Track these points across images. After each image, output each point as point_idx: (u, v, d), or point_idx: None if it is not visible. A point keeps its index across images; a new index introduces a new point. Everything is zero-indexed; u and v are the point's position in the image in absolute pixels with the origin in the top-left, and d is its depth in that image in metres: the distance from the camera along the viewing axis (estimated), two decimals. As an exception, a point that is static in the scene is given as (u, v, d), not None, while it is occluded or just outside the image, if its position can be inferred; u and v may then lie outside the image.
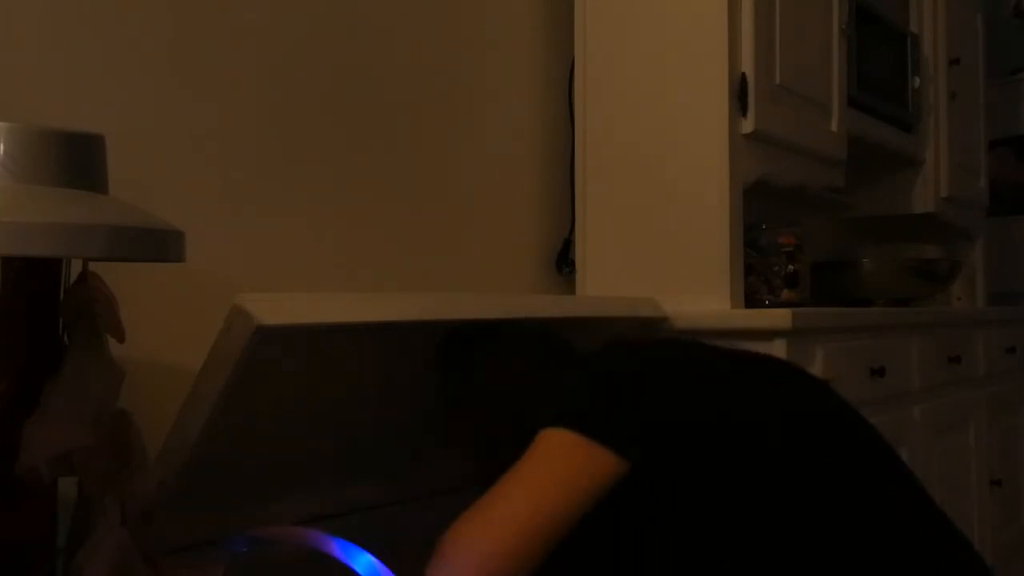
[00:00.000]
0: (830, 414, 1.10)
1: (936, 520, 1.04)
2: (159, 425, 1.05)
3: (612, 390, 1.04)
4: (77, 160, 0.91)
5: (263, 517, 1.15)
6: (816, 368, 1.67)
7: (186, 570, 1.02)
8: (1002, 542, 2.52)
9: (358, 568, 0.93)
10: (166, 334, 1.28)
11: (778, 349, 1.59)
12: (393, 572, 0.93)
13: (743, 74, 1.75)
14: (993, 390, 2.56)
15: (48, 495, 0.96)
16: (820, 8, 2.03)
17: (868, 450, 1.08)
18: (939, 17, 2.66)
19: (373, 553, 0.94)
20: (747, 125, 1.75)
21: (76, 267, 0.99)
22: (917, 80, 2.51)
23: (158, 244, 0.92)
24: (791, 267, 1.88)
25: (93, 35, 1.29)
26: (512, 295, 1.83)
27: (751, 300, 1.81)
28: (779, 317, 1.61)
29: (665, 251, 1.78)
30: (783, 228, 1.89)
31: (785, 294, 1.87)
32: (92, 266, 0.99)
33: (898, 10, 2.53)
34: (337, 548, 0.95)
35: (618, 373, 1.07)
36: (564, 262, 2.03)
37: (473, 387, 1.22)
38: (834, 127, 2.05)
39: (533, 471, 0.96)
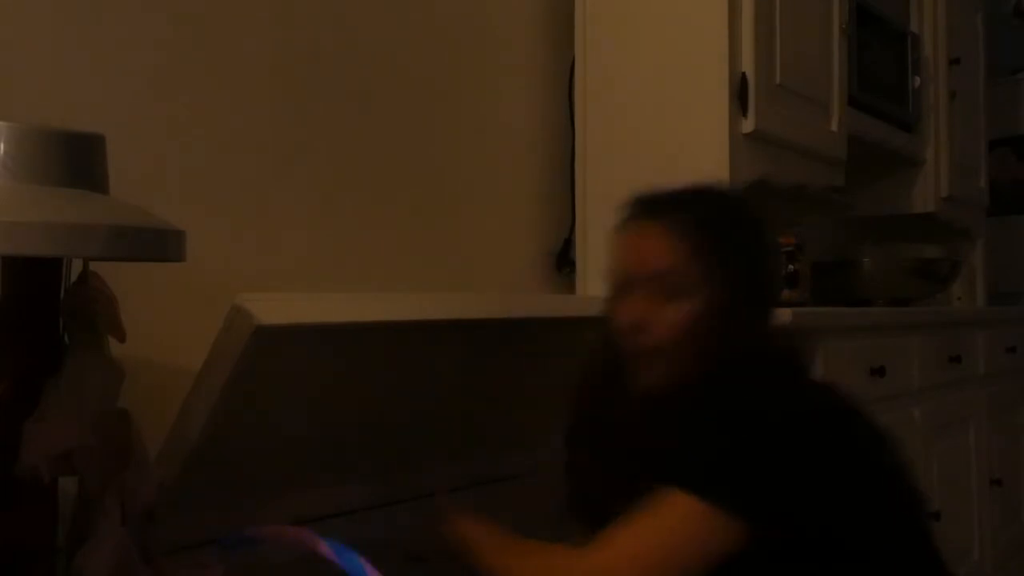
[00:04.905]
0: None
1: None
2: (159, 425, 1.05)
3: (744, 459, 1.04)
4: (77, 160, 0.90)
5: (263, 517, 1.15)
6: (816, 368, 1.67)
7: (186, 570, 1.02)
8: (1002, 542, 2.52)
9: (347, 568, 0.92)
10: (166, 334, 1.28)
11: (778, 349, 1.58)
12: (381, 574, 0.92)
13: (743, 74, 1.75)
14: (993, 390, 2.56)
15: (48, 495, 0.96)
16: (820, 8, 2.03)
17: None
18: (939, 17, 2.66)
19: (367, 554, 0.93)
20: (747, 125, 1.75)
21: (76, 267, 0.99)
22: (917, 80, 2.51)
23: (158, 244, 0.91)
24: (791, 267, 1.88)
25: (93, 34, 1.29)
26: (512, 295, 1.83)
27: (751, 300, 1.80)
28: (779, 317, 1.61)
29: (665, 251, 1.77)
30: (783, 228, 1.90)
31: (785, 294, 1.87)
32: (92, 266, 0.99)
33: (898, 10, 2.53)
34: (327, 548, 0.95)
35: (748, 441, 1.06)
36: (564, 262, 2.02)
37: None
38: (834, 127, 2.05)
39: (670, 530, 1.02)
